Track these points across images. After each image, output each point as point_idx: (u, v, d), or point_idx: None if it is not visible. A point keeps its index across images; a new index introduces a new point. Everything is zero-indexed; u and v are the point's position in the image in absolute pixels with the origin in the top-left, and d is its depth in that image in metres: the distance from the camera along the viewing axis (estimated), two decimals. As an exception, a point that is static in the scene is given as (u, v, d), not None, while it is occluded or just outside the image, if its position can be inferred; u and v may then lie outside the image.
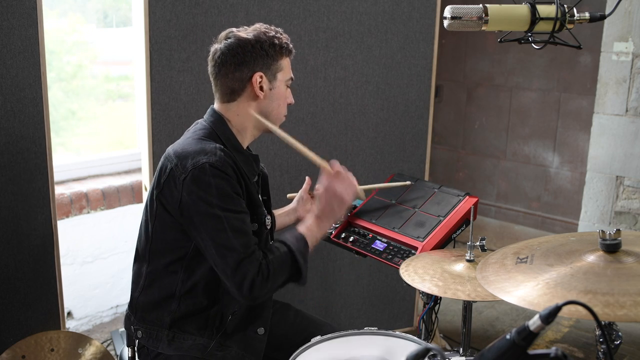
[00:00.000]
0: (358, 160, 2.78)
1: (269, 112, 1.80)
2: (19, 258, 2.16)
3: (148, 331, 1.77)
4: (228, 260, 1.63)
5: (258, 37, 1.73)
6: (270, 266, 1.67)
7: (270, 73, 1.76)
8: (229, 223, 1.63)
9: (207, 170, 1.62)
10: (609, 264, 1.34)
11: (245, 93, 1.76)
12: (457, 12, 1.48)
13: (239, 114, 1.78)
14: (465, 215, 2.06)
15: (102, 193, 3.05)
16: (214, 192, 1.62)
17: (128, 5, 3.35)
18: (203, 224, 1.64)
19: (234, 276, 1.63)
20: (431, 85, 2.84)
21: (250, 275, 1.62)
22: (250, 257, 1.64)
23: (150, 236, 1.76)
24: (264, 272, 1.65)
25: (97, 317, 3.19)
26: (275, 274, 1.68)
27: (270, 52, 1.74)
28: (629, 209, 3.53)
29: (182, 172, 1.65)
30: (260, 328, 1.82)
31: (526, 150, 4.21)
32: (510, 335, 0.98)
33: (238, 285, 1.63)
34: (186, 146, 1.71)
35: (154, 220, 1.75)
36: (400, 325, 3.03)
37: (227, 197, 1.64)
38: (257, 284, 1.63)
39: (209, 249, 1.65)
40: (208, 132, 1.75)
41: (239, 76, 1.73)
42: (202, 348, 1.74)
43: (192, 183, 1.63)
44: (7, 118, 2.07)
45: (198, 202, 1.63)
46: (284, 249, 1.74)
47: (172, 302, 1.74)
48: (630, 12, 3.33)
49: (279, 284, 1.72)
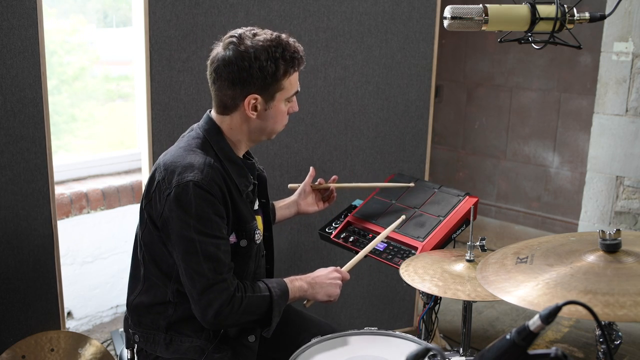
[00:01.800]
0: (358, 160, 2.78)
1: (264, 129, 1.73)
2: (19, 258, 2.16)
3: (145, 335, 1.77)
4: (195, 284, 1.61)
5: (258, 54, 1.60)
6: (244, 302, 1.65)
7: (267, 94, 1.65)
8: (201, 247, 1.59)
9: (189, 189, 1.58)
10: (609, 264, 1.34)
11: (238, 111, 1.68)
12: (457, 12, 1.48)
13: (232, 128, 1.71)
14: (465, 215, 2.06)
15: (102, 193, 3.05)
16: (193, 213, 1.59)
17: (128, 5, 3.35)
18: (178, 243, 1.62)
19: (200, 301, 1.61)
20: (431, 85, 2.84)
21: (216, 303, 1.60)
22: (219, 285, 1.61)
23: (141, 244, 1.76)
24: (234, 304, 1.63)
25: (97, 317, 3.19)
26: (246, 312, 1.66)
27: (269, 71, 1.61)
28: (629, 209, 3.53)
29: (167, 187, 1.62)
30: (251, 336, 1.79)
31: (526, 150, 4.21)
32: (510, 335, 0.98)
33: (202, 311, 1.61)
34: (176, 158, 1.66)
35: (143, 229, 1.74)
36: (400, 325, 3.03)
37: (206, 220, 1.60)
38: (223, 314, 1.61)
39: (180, 269, 1.64)
40: (201, 142, 1.69)
41: (231, 94, 1.65)
42: (200, 350, 1.73)
43: (173, 200, 1.60)
44: (7, 118, 2.07)
45: (176, 220, 1.60)
46: (265, 293, 1.71)
47: (167, 307, 1.74)
48: (630, 12, 3.33)
49: (245, 321, 1.70)
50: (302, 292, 1.80)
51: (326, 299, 1.84)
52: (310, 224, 2.69)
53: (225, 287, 1.62)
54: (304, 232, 2.72)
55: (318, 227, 2.32)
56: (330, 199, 2.20)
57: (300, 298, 1.81)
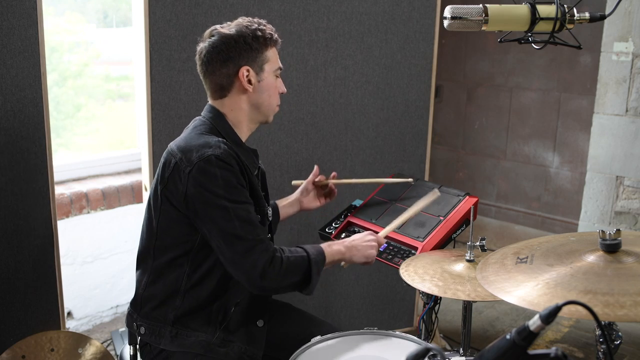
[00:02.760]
0: (358, 160, 2.78)
1: (260, 104, 1.81)
2: (19, 258, 2.16)
3: (151, 327, 1.78)
4: (237, 248, 1.64)
5: (240, 32, 1.75)
6: (285, 262, 1.69)
7: (256, 65, 1.77)
8: (235, 213, 1.64)
9: (213, 162, 1.64)
10: (609, 264, 1.34)
11: (235, 88, 1.78)
12: (457, 12, 1.48)
13: (233, 109, 1.80)
14: (465, 215, 2.06)
15: (102, 193, 3.05)
16: (220, 183, 1.64)
17: (128, 5, 3.35)
18: (210, 215, 1.65)
19: (244, 263, 1.64)
20: (431, 85, 2.84)
21: (260, 264, 1.64)
22: (260, 246, 1.65)
23: (156, 233, 1.77)
24: (276, 264, 1.67)
25: (97, 317, 3.19)
26: (288, 271, 1.70)
27: (254, 45, 1.75)
28: (629, 209, 3.53)
29: (188, 164, 1.66)
30: (260, 320, 1.84)
31: (526, 150, 4.21)
32: (510, 335, 0.98)
33: (248, 274, 1.64)
34: (189, 140, 1.73)
35: (158, 216, 1.76)
36: (400, 325, 3.03)
37: (233, 188, 1.66)
38: (268, 274, 1.65)
39: (216, 239, 1.66)
40: (209, 128, 1.77)
41: (226, 72, 1.76)
42: (205, 344, 1.74)
43: (198, 175, 1.64)
44: (7, 118, 2.07)
45: (204, 193, 1.64)
46: (302, 254, 1.75)
47: (176, 297, 1.75)
48: (630, 12, 3.33)
49: (288, 283, 1.72)
50: (340, 255, 1.85)
51: (363, 261, 1.89)
52: (310, 224, 2.68)
53: (265, 248, 1.66)
54: (304, 232, 2.72)
55: (318, 227, 2.32)
56: (332, 194, 2.25)
57: (339, 261, 1.86)
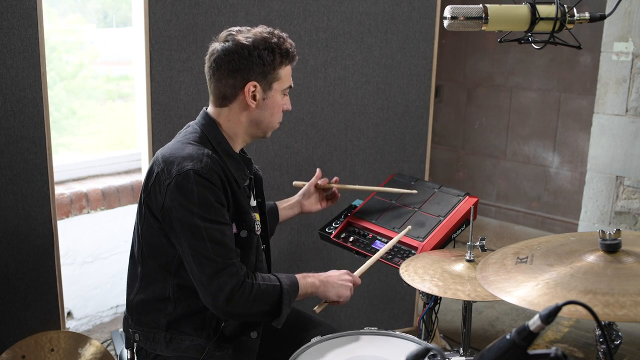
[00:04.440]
0: (358, 160, 2.78)
1: (261, 121, 1.76)
2: (19, 258, 2.16)
3: (145, 334, 1.76)
4: (205, 269, 1.60)
5: (256, 44, 1.66)
6: (254, 289, 1.65)
7: (265, 82, 1.70)
8: (208, 233, 1.60)
9: (190, 177, 1.60)
10: (609, 264, 1.34)
11: (237, 100, 1.72)
12: (457, 12, 1.48)
13: (230, 120, 1.74)
14: (465, 215, 2.06)
15: (102, 193, 3.05)
16: (195, 200, 1.60)
17: (128, 5, 3.35)
18: (182, 231, 1.62)
19: (210, 285, 1.60)
20: (431, 85, 2.84)
21: (228, 288, 1.60)
22: (228, 269, 1.61)
23: (140, 239, 1.76)
24: (245, 290, 1.62)
25: (97, 317, 3.19)
26: (257, 299, 1.65)
27: (267, 60, 1.67)
28: (629, 209, 3.53)
29: (167, 177, 1.63)
30: (254, 332, 1.80)
31: (526, 150, 4.21)
32: (510, 335, 0.98)
33: (214, 297, 1.60)
34: (174, 150, 1.68)
35: (142, 224, 1.74)
36: (400, 325, 3.03)
37: (209, 207, 1.61)
38: (234, 299, 1.61)
39: (187, 257, 1.64)
40: (199, 136, 1.72)
41: (232, 83, 1.69)
42: (200, 349, 1.73)
43: (175, 189, 1.61)
44: (7, 118, 2.07)
45: (179, 209, 1.61)
46: (275, 282, 1.71)
47: (167, 304, 1.74)
48: (630, 12, 3.33)
49: (256, 311, 1.68)
50: (313, 288, 1.80)
51: (336, 299, 1.84)
52: (310, 224, 2.69)
53: (235, 272, 1.62)
54: (304, 232, 2.72)
55: (318, 227, 2.32)
56: (334, 198, 2.22)
57: (311, 294, 1.82)
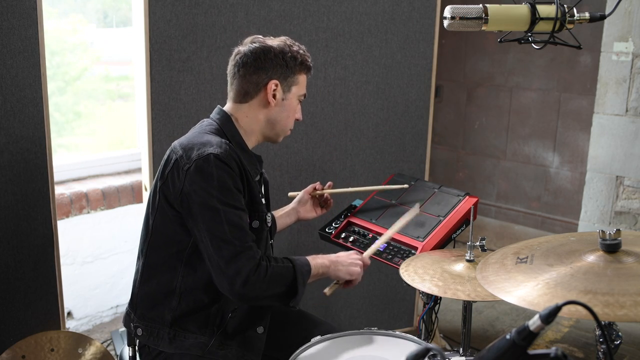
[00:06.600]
0: (358, 160, 2.78)
1: (277, 122, 1.83)
2: (19, 258, 2.16)
3: (149, 329, 1.77)
4: (223, 253, 1.62)
5: (282, 48, 1.78)
6: (270, 270, 1.67)
7: (286, 84, 1.80)
8: (226, 216, 1.63)
9: (211, 161, 1.64)
10: (609, 264, 1.34)
11: (258, 97, 1.79)
12: (457, 12, 1.48)
13: (248, 116, 1.81)
14: (465, 215, 2.06)
15: (102, 193, 3.05)
16: (215, 183, 1.63)
17: (128, 5, 3.35)
18: (201, 214, 1.64)
19: (228, 269, 1.62)
20: (431, 85, 2.84)
21: (244, 271, 1.62)
22: (246, 252, 1.64)
23: (150, 230, 1.77)
24: (261, 272, 1.64)
25: (97, 317, 3.19)
26: (272, 281, 1.67)
27: (290, 64, 1.79)
28: (629, 209, 3.53)
29: (187, 162, 1.66)
30: (260, 327, 1.82)
31: (526, 150, 4.21)
32: (510, 335, 0.98)
33: (230, 280, 1.62)
34: (192, 139, 1.73)
35: (155, 213, 1.76)
36: (400, 325, 3.03)
37: (227, 191, 1.65)
38: (251, 282, 1.62)
39: (204, 241, 1.65)
40: (215, 128, 1.78)
41: (255, 79, 1.77)
42: (203, 346, 1.74)
43: (195, 173, 1.64)
44: (7, 118, 2.07)
45: (198, 192, 1.64)
46: (288, 264, 1.74)
47: (172, 298, 1.74)
48: (630, 12, 3.33)
49: (272, 293, 1.70)
50: (324, 268, 1.83)
51: (348, 277, 1.87)
52: (310, 224, 2.69)
53: (252, 255, 1.65)
54: (304, 232, 2.72)
55: (318, 227, 2.32)
56: (327, 205, 2.24)
57: (323, 275, 1.84)
